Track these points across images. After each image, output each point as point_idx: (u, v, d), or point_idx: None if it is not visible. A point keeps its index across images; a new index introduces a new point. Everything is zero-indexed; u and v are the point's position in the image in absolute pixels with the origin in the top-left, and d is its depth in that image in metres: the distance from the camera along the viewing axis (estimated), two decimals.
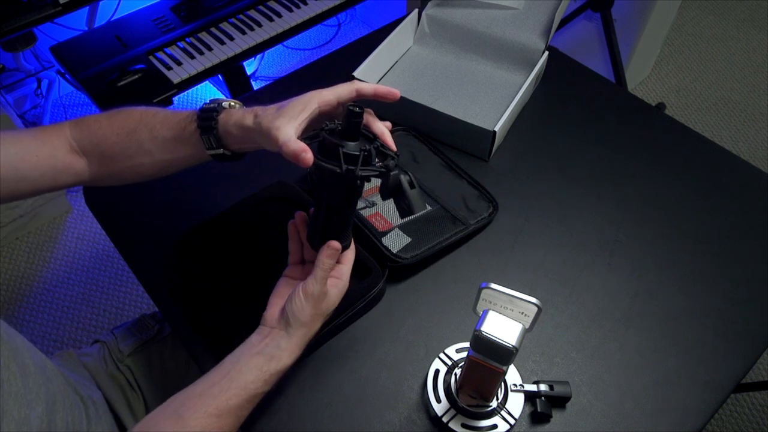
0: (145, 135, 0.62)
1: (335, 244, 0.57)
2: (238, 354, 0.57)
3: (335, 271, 0.60)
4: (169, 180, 0.68)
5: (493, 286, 0.52)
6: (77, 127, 0.64)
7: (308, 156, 0.51)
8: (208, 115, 0.59)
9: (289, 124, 0.53)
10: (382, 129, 0.58)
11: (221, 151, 0.60)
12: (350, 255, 0.62)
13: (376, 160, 0.56)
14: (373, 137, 0.57)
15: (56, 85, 2.01)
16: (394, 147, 0.58)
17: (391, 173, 0.56)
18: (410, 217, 0.79)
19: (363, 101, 0.58)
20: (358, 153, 0.53)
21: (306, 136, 0.55)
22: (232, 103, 0.62)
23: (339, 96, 0.57)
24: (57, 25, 1.57)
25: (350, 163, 0.52)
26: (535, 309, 0.52)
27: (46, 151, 0.62)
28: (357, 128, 0.54)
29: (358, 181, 0.55)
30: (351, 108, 0.53)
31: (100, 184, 0.69)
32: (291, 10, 1.47)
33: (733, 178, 0.88)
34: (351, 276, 0.61)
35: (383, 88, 0.59)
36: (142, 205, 0.85)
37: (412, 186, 0.57)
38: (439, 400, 0.64)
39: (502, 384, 0.64)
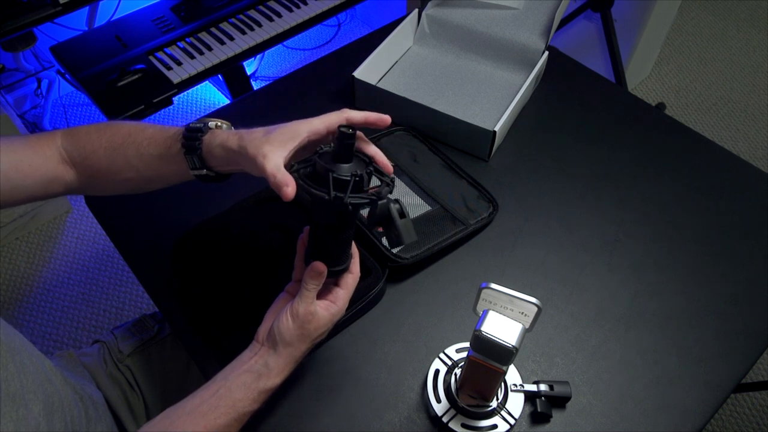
0: (132, 151, 0.62)
1: (318, 267, 0.55)
2: (229, 369, 0.57)
3: (331, 294, 0.59)
4: None
5: (493, 286, 0.52)
6: (68, 138, 0.64)
7: (289, 190, 0.50)
8: (193, 134, 0.59)
9: (276, 152, 0.53)
10: (375, 150, 0.57)
11: (204, 171, 0.60)
12: (350, 280, 0.60)
13: (371, 185, 0.54)
14: (368, 161, 0.55)
15: (56, 85, 2.01)
16: (390, 168, 0.56)
17: (379, 202, 0.53)
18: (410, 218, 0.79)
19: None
20: (348, 178, 0.51)
21: (300, 159, 0.54)
22: (219, 123, 0.62)
23: (329, 125, 0.56)
24: (57, 25, 1.57)
25: (339, 190, 0.51)
26: (535, 309, 0.52)
27: (39, 161, 0.62)
28: (350, 150, 0.53)
29: (349, 207, 0.52)
30: (343, 129, 0.51)
31: (89, 194, 0.70)
32: (291, 10, 1.47)
33: (733, 178, 0.88)
34: None
35: (374, 115, 0.58)
36: (142, 205, 0.85)
37: (402, 215, 0.55)
38: (439, 400, 0.64)
39: (502, 384, 0.64)
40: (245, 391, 0.55)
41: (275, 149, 0.53)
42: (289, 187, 0.51)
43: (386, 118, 0.58)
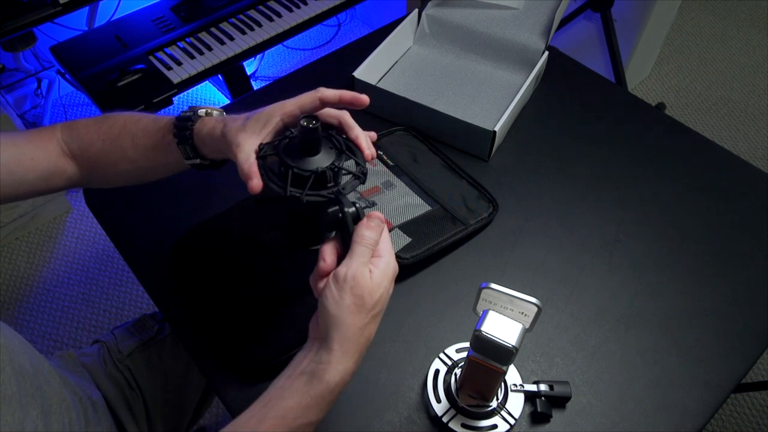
0: (128, 143, 0.62)
1: (377, 215, 0.48)
2: (285, 375, 0.49)
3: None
4: (169, 180, 0.69)
5: (493, 286, 0.52)
6: (68, 131, 0.65)
7: (254, 183, 0.49)
8: (183, 124, 0.58)
9: (249, 141, 0.52)
10: (358, 133, 0.55)
11: (198, 160, 0.60)
12: (381, 229, 0.51)
13: (343, 171, 0.51)
14: (342, 147, 0.53)
15: (56, 85, 2.01)
16: (367, 152, 0.54)
17: (329, 210, 0.49)
18: (410, 218, 0.79)
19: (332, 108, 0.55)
20: (307, 175, 0.49)
21: (269, 142, 0.53)
22: (209, 110, 0.61)
23: (302, 106, 0.55)
24: (57, 25, 1.57)
25: (298, 186, 0.49)
26: (535, 309, 0.52)
27: (41, 155, 0.62)
28: (314, 143, 0.51)
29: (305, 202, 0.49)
30: (304, 123, 0.49)
31: (90, 187, 0.69)
32: (291, 10, 1.47)
33: (733, 178, 0.88)
34: None
35: (349, 94, 0.55)
36: (142, 205, 0.85)
37: (357, 221, 0.51)
38: (439, 400, 0.64)
39: (502, 384, 0.64)
40: (299, 398, 0.46)
41: (249, 137, 0.52)
42: (253, 181, 0.50)
43: (363, 98, 0.56)
